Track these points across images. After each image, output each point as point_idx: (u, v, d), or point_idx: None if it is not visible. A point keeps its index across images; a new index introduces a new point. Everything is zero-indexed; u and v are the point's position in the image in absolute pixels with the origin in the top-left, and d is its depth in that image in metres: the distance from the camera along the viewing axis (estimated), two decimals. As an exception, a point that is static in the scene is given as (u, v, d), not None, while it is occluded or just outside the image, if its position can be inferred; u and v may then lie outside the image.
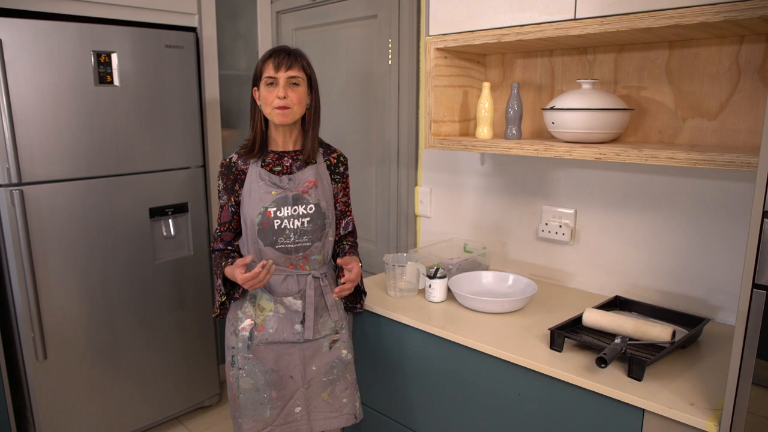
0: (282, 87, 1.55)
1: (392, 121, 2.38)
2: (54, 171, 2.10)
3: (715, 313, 1.65)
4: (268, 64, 1.57)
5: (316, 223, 1.62)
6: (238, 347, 1.64)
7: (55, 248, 2.12)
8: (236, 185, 1.65)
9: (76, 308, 2.20)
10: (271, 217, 1.58)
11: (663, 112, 1.65)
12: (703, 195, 1.63)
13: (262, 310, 1.64)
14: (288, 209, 1.60)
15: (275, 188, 1.60)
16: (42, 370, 2.14)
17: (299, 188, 1.62)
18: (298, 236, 1.61)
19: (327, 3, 2.60)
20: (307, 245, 1.62)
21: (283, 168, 1.65)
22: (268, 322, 1.63)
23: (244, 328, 1.64)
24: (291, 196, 1.60)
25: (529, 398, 1.45)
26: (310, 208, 1.62)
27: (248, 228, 1.62)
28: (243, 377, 1.63)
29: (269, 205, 1.59)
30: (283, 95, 1.55)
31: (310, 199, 1.62)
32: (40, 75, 2.02)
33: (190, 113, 2.48)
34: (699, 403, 1.21)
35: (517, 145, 1.66)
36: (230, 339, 1.66)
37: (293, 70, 1.57)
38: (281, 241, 1.60)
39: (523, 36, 1.59)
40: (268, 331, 1.63)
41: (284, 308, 1.63)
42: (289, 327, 1.63)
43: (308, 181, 1.64)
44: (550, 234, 1.95)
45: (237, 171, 1.65)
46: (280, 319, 1.63)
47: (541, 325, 1.62)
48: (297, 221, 1.60)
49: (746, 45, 1.49)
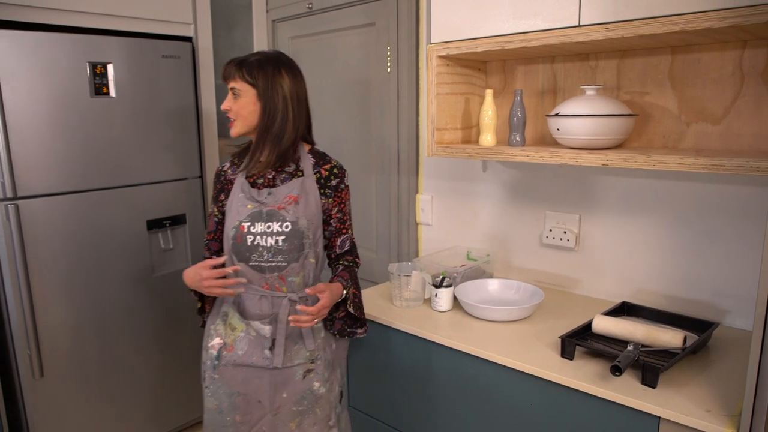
0: (227, 98, 1.52)
1: (392, 129, 2.37)
2: (50, 184, 2.06)
3: (722, 316, 1.65)
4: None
5: (292, 242, 1.51)
6: (206, 364, 1.58)
7: (51, 263, 2.08)
8: (222, 195, 1.61)
9: (72, 324, 2.16)
10: (244, 231, 1.50)
11: (667, 117, 1.65)
12: (707, 199, 1.63)
13: (233, 330, 1.55)
14: (261, 225, 1.50)
15: (252, 201, 1.53)
16: (38, 388, 2.09)
17: (277, 203, 1.52)
18: (272, 255, 1.51)
19: (324, 11, 2.59)
20: (282, 265, 1.51)
21: (265, 180, 1.57)
22: (239, 343, 1.54)
23: (212, 346, 1.57)
24: (265, 212, 1.51)
25: (542, 408, 1.44)
26: (286, 225, 1.50)
27: (226, 241, 1.56)
28: (208, 396, 1.57)
29: (244, 219, 1.51)
30: (226, 107, 1.52)
31: (286, 216, 1.51)
32: (35, 87, 1.99)
33: (187, 124, 2.46)
34: (715, 410, 1.20)
35: (522, 152, 1.66)
36: (203, 353, 1.61)
37: (232, 79, 1.50)
38: (254, 258, 1.51)
39: (527, 43, 1.59)
40: (237, 353, 1.54)
41: (255, 331, 1.54)
42: (259, 351, 1.53)
43: (289, 196, 1.53)
44: (555, 240, 1.94)
45: (225, 180, 1.61)
46: (251, 341, 1.54)
47: (549, 333, 1.60)
48: (270, 239, 1.50)
49: (749, 50, 1.49)
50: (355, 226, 2.63)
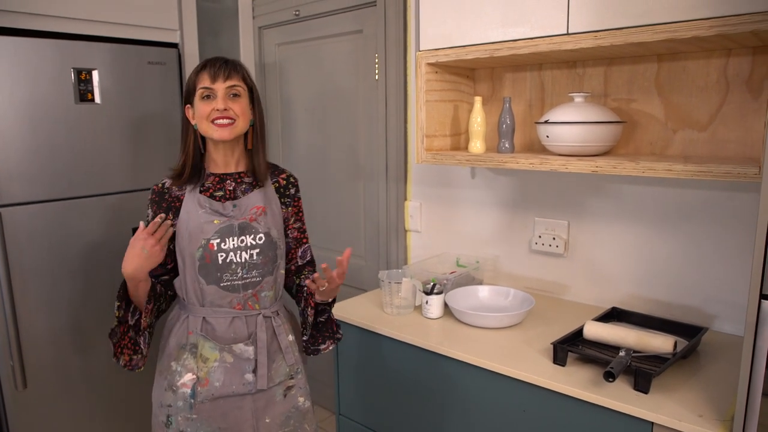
0: (221, 98, 1.37)
1: (380, 136, 2.37)
2: (33, 191, 2.02)
3: (710, 321, 1.67)
4: (203, 74, 1.39)
5: (266, 254, 1.43)
6: (177, 406, 1.41)
7: (34, 273, 2.04)
8: (170, 214, 1.43)
9: (56, 335, 2.11)
10: (214, 250, 1.38)
11: (653, 124, 1.67)
12: (694, 205, 1.65)
13: (206, 361, 1.40)
14: (233, 240, 1.40)
15: (218, 216, 1.40)
16: (21, 400, 2.04)
17: (246, 215, 1.42)
18: (246, 271, 1.41)
19: (311, 18, 2.59)
20: (257, 280, 1.43)
21: (225, 192, 1.45)
22: (213, 374, 1.40)
23: (184, 384, 1.40)
24: (237, 225, 1.40)
25: (534, 414, 1.44)
26: (260, 237, 1.42)
27: (187, 265, 1.40)
28: None
29: (211, 236, 1.38)
30: (224, 106, 1.37)
31: (259, 227, 1.43)
32: (18, 93, 1.95)
33: (173, 131, 2.43)
34: (707, 415, 1.21)
35: (512, 159, 1.67)
36: (165, 396, 1.43)
37: (233, 79, 1.39)
38: (227, 277, 1.40)
39: (516, 51, 1.60)
40: (213, 385, 1.40)
41: (232, 356, 1.41)
42: (239, 377, 1.42)
43: (256, 206, 1.44)
44: (544, 246, 1.95)
45: (171, 198, 1.44)
46: (227, 369, 1.41)
47: (540, 339, 1.61)
48: (245, 253, 1.41)
49: (733, 58, 1.52)
50: (343, 233, 2.63)
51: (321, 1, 2.50)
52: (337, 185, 2.62)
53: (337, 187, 2.63)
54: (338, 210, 2.64)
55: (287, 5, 2.65)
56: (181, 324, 1.45)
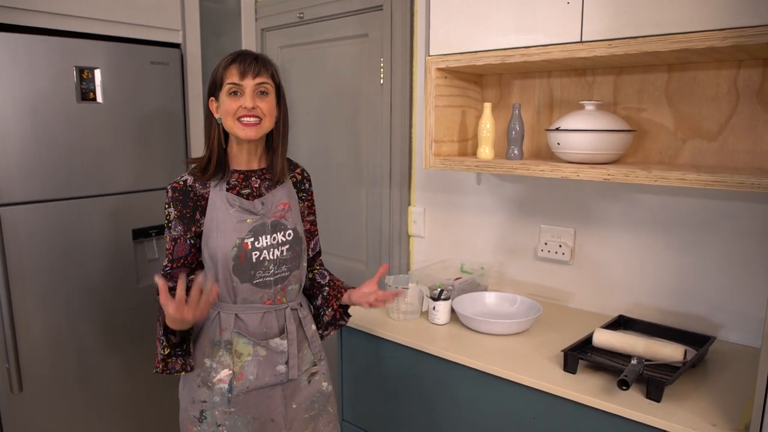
0: (249, 96, 1.35)
1: (384, 141, 2.36)
2: (32, 191, 1.99)
3: (717, 331, 1.67)
4: (231, 69, 1.36)
5: (294, 249, 1.46)
6: (214, 401, 1.42)
7: (32, 273, 2.00)
8: (197, 213, 1.39)
9: (53, 336, 2.08)
10: (248, 249, 1.38)
11: (663, 133, 1.68)
12: (702, 214, 1.66)
13: (240, 356, 1.43)
14: (266, 239, 1.41)
15: (249, 215, 1.40)
16: (17, 403, 2.00)
17: (274, 212, 1.45)
18: (277, 267, 1.44)
19: (315, 21, 2.57)
20: (285, 275, 1.46)
21: (252, 190, 1.45)
22: (247, 368, 1.42)
23: (221, 380, 1.41)
24: (269, 224, 1.42)
25: (545, 422, 1.43)
26: (289, 234, 1.45)
27: (220, 264, 1.39)
28: None
29: (245, 235, 1.38)
30: (252, 105, 1.35)
31: (287, 224, 1.45)
32: (19, 91, 1.92)
33: (175, 131, 2.41)
34: (720, 424, 1.21)
35: (522, 166, 1.66)
36: (198, 392, 1.43)
37: (262, 76, 1.37)
38: (259, 274, 1.41)
39: (528, 57, 1.60)
40: (248, 378, 1.43)
41: (265, 350, 1.44)
42: (271, 369, 1.45)
43: (282, 203, 1.46)
44: (550, 254, 1.95)
45: (196, 196, 1.39)
46: (260, 362, 1.44)
47: (549, 346, 1.60)
48: (276, 250, 1.43)
49: (744, 69, 1.53)
50: (346, 238, 2.62)
51: (326, 4, 2.49)
52: (340, 190, 2.61)
53: (339, 192, 2.61)
54: (341, 214, 2.62)
55: (291, 7, 2.64)
56: (212, 322, 1.44)
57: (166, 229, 1.41)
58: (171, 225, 1.40)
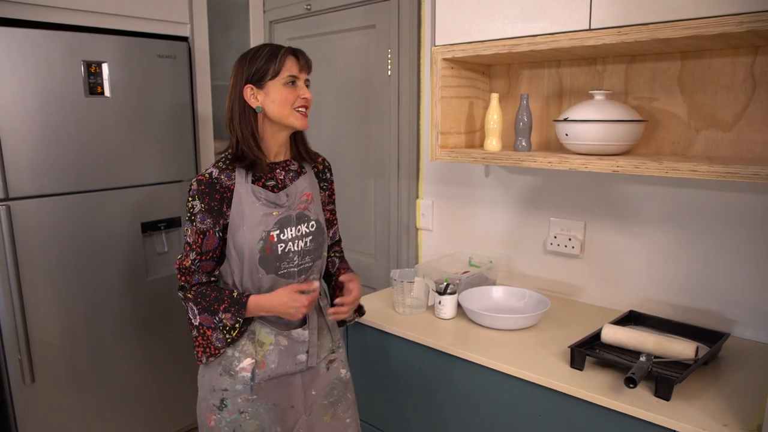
0: (304, 88, 1.43)
1: (392, 133, 2.33)
2: (42, 185, 2.01)
3: (730, 327, 1.62)
4: (291, 61, 1.40)
5: (317, 240, 1.49)
6: (236, 389, 1.44)
7: (43, 266, 2.02)
8: (224, 206, 1.39)
9: (64, 328, 2.10)
10: (274, 241, 1.40)
11: (676, 123, 1.63)
12: (715, 207, 1.61)
13: (262, 345, 1.45)
14: (291, 230, 1.43)
15: (275, 208, 1.42)
16: (29, 394, 2.03)
17: (299, 204, 1.46)
18: (301, 258, 1.46)
19: (323, 12, 2.55)
20: (309, 265, 1.49)
21: (277, 182, 1.46)
22: (269, 356, 1.45)
23: (243, 368, 1.44)
24: (294, 216, 1.44)
25: (550, 419, 1.40)
26: (312, 225, 1.48)
27: (246, 256, 1.40)
28: (246, 420, 1.45)
29: (271, 228, 1.40)
30: (310, 96, 1.43)
31: (310, 215, 1.48)
32: (28, 85, 1.93)
33: (183, 125, 2.41)
34: (732, 424, 1.17)
35: (530, 158, 1.63)
36: (219, 380, 1.45)
37: (308, 72, 1.46)
38: (284, 266, 1.44)
39: (535, 46, 1.56)
40: (269, 367, 1.45)
41: (287, 340, 1.47)
42: (292, 358, 1.48)
43: (305, 194, 1.48)
44: (559, 247, 1.91)
45: (222, 188, 1.39)
46: (282, 351, 1.46)
47: (556, 342, 1.57)
48: (300, 242, 1.45)
49: (761, 56, 1.47)
50: (353, 231, 2.60)
51: (334, -5, 2.46)
52: (348, 182, 2.59)
53: (347, 184, 2.59)
54: (349, 207, 2.60)
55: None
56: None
57: (188, 222, 1.40)
58: (196, 218, 1.38)
